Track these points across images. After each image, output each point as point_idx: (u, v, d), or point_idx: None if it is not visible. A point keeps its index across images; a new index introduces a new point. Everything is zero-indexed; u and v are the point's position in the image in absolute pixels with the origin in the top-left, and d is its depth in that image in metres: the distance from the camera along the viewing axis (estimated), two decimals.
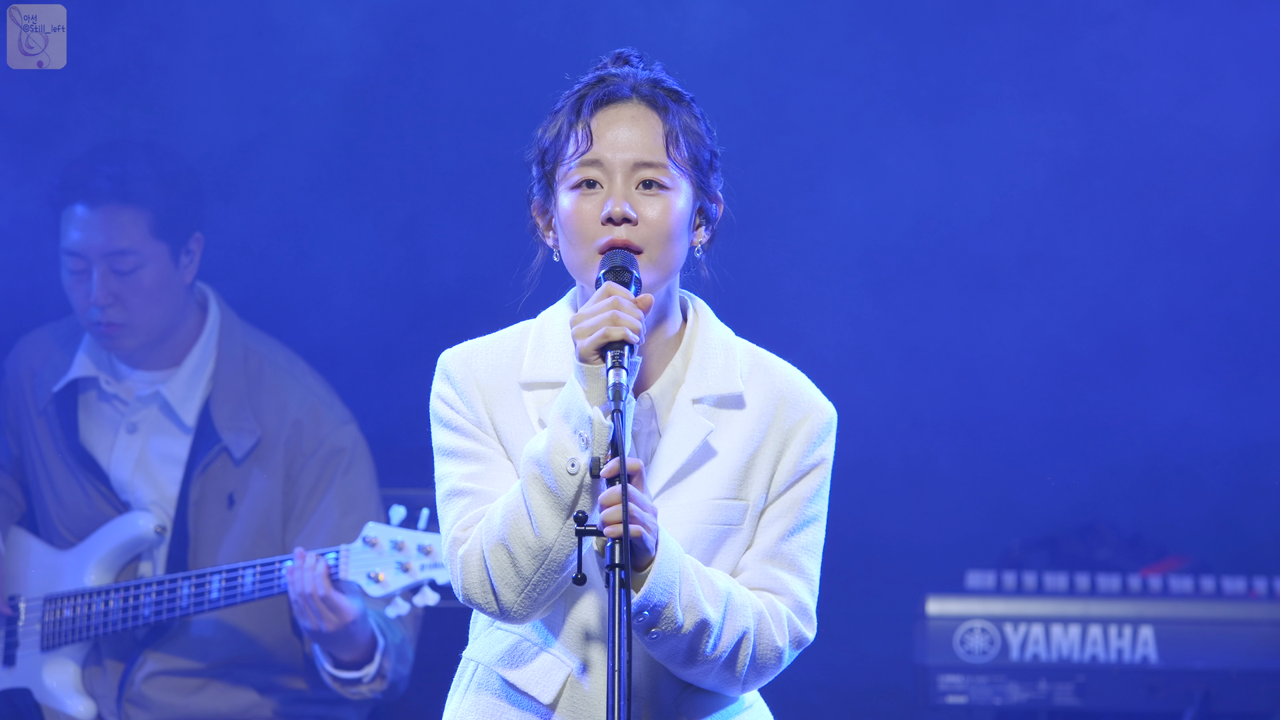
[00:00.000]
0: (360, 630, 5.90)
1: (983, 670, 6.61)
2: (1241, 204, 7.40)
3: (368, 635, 5.94)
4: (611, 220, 3.57)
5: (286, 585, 5.89)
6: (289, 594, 5.85)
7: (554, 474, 3.47)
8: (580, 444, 3.46)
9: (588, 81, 3.66)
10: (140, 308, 6.26)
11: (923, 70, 7.45)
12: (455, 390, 3.66)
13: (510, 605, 3.55)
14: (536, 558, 3.51)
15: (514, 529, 3.51)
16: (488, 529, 3.53)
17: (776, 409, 3.67)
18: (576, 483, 3.46)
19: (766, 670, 3.63)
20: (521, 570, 3.53)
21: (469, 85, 7.29)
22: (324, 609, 5.81)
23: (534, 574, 3.53)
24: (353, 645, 5.94)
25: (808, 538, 3.68)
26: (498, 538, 3.52)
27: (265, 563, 5.97)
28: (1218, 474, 7.36)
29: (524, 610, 3.55)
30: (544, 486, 3.48)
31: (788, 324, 7.31)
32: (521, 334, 3.72)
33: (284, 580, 5.89)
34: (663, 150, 3.60)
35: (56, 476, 6.31)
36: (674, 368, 3.67)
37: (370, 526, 5.84)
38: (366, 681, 5.97)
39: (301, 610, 5.84)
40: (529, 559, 3.52)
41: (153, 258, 6.27)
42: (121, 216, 6.24)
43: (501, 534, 3.52)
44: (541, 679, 3.62)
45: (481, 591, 3.56)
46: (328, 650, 5.97)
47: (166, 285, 6.30)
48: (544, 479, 3.48)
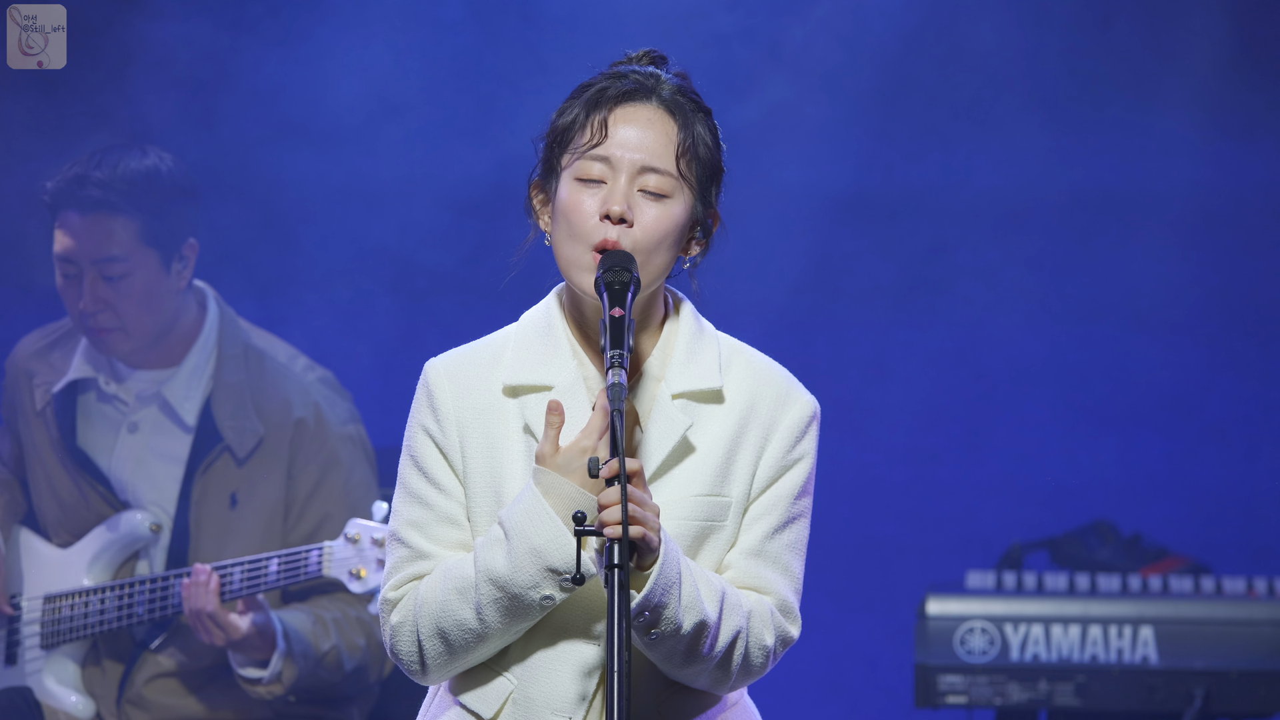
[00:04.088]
0: (254, 641, 5.95)
1: (983, 670, 6.61)
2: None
3: (267, 642, 5.98)
4: (609, 217, 3.56)
5: (273, 582, 5.91)
6: (183, 609, 5.93)
7: (524, 607, 3.49)
8: (561, 588, 3.48)
9: (611, 74, 3.63)
10: (131, 313, 6.26)
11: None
12: (432, 411, 3.64)
13: (433, 676, 3.60)
14: (472, 647, 3.55)
15: (455, 627, 3.53)
16: (423, 613, 3.55)
17: (757, 403, 3.66)
18: (547, 608, 3.51)
19: (755, 669, 3.62)
20: (455, 653, 3.56)
21: (468, 85, 7.29)
22: (212, 626, 5.88)
23: (466, 658, 3.57)
24: (254, 650, 5.99)
25: (792, 535, 3.67)
26: (435, 628, 3.55)
27: (253, 560, 5.97)
28: (1218, 474, 7.36)
29: (445, 679, 3.62)
30: (505, 609, 3.50)
31: (788, 323, 7.31)
32: (504, 338, 3.70)
33: (272, 577, 5.91)
34: (672, 159, 3.58)
35: (55, 477, 6.31)
36: (654, 362, 3.66)
37: (352, 523, 5.85)
38: (265, 683, 6.02)
39: (193, 625, 5.91)
40: (464, 648, 3.55)
41: (142, 264, 6.27)
42: (109, 224, 6.24)
43: (441, 626, 3.54)
44: (485, 696, 3.62)
45: (409, 662, 3.59)
46: (232, 653, 6.04)
47: (157, 291, 6.29)
48: (506, 604, 3.49)
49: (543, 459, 3.49)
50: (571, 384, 3.62)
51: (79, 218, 6.24)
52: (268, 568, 5.94)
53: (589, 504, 3.45)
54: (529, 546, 3.47)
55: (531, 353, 3.65)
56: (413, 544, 3.60)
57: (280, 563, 5.93)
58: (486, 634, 3.51)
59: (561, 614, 3.59)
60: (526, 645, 3.60)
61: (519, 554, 3.47)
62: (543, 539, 3.47)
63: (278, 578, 5.91)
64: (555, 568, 3.46)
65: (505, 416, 3.62)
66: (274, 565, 5.92)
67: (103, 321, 6.24)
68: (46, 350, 6.43)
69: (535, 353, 3.65)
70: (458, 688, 3.63)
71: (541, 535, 3.47)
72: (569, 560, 3.45)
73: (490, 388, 3.64)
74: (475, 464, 3.61)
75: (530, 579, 3.47)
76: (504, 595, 3.48)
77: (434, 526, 3.60)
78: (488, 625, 3.51)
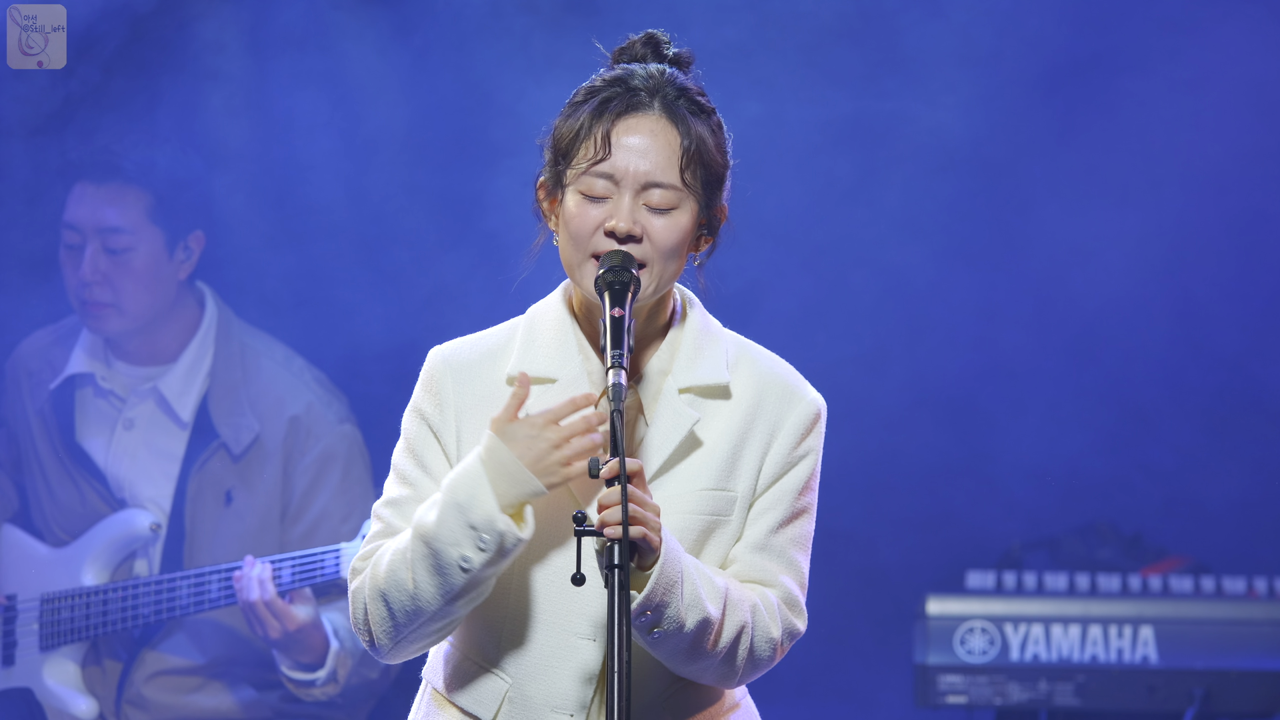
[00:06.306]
0: (310, 635, 5.93)
1: (983, 670, 6.61)
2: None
3: (320, 639, 5.96)
4: (615, 236, 3.56)
5: (287, 583, 5.91)
6: (238, 601, 5.90)
7: (444, 565, 3.50)
8: (478, 547, 3.48)
9: (613, 80, 3.62)
10: (128, 290, 6.27)
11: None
12: (433, 396, 3.66)
13: (382, 647, 3.61)
14: (411, 616, 3.55)
15: (394, 588, 3.54)
16: (373, 576, 3.57)
17: (764, 400, 3.67)
18: (467, 579, 3.50)
19: (762, 663, 3.63)
20: (396, 620, 3.56)
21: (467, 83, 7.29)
22: (266, 614, 5.86)
23: (407, 628, 3.57)
24: (305, 649, 5.96)
25: (797, 530, 3.68)
26: (379, 590, 3.56)
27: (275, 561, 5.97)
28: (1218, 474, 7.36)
29: (394, 654, 3.62)
30: (430, 567, 3.51)
31: (789, 323, 7.31)
32: (510, 330, 3.71)
33: (282, 580, 5.90)
34: (676, 170, 3.58)
35: (51, 475, 6.31)
36: (661, 357, 3.67)
37: (368, 525, 5.85)
38: (320, 685, 6.00)
39: (248, 617, 5.88)
40: (404, 615, 3.55)
41: (146, 241, 6.29)
42: (123, 195, 6.27)
43: (383, 588, 3.55)
44: (480, 697, 3.62)
45: (362, 628, 3.61)
46: (279, 652, 6.01)
47: (156, 272, 6.31)
48: (431, 562, 3.51)
49: (495, 423, 3.51)
50: (575, 378, 3.63)
51: (94, 185, 6.27)
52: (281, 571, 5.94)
53: (523, 475, 3.46)
54: (453, 501, 3.49)
55: (538, 346, 3.66)
56: (387, 520, 3.64)
57: (294, 565, 5.93)
58: (419, 597, 3.52)
59: (562, 613, 3.59)
60: (521, 643, 3.60)
61: (445, 509, 3.50)
62: (465, 495, 3.48)
63: (294, 579, 5.92)
64: (473, 524, 3.47)
65: (503, 404, 3.63)
66: (288, 568, 5.93)
67: (97, 295, 6.25)
68: (47, 349, 6.44)
69: (541, 346, 3.66)
70: (451, 689, 3.63)
71: (465, 491, 3.48)
72: (486, 520, 3.46)
73: (493, 377, 3.65)
74: (471, 451, 3.62)
75: (451, 535, 3.49)
76: (429, 550, 3.50)
77: (411, 506, 3.62)
78: (419, 586, 3.51)
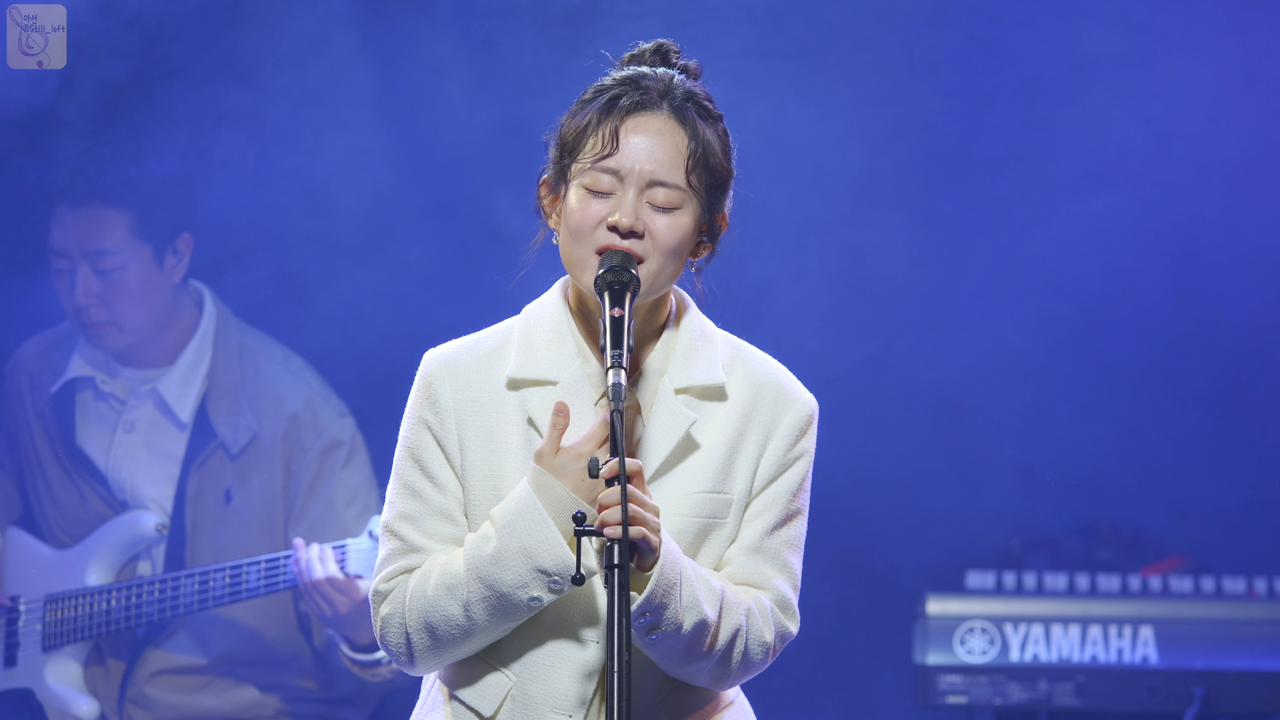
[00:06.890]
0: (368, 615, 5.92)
1: (983, 670, 6.61)
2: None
3: None
4: (618, 231, 3.56)
5: (293, 580, 5.91)
6: (298, 584, 5.87)
7: (513, 606, 3.51)
8: (550, 589, 3.50)
9: (622, 79, 3.63)
10: (125, 307, 6.28)
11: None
12: (431, 404, 3.64)
13: (424, 667, 3.62)
14: (459, 642, 3.56)
15: (444, 623, 3.54)
16: (414, 608, 3.57)
17: (759, 401, 3.67)
18: (533, 613, 3.52)
19: (754, 666, 3.63)
20: (441, 646, 3.57)
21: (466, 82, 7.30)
22: (332, 591, 5.84)
23: (454, 653, 3.58)
24: (366, 627, 5.96)
25: (791, 532, 3.68)
26: (423, 622, 3.56)
27: (270, 559, 5.98)
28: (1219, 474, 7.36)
29: (433, 670, 3.64)
30: (493, 609, 3.52)
31: (789, 323, 7.31)
32: (506, 331, 3.70)
33: (289, 576, 5.90)
34: (681, 171, 3.58)
35: (52, 479, 6.32)
36: (657, 358, 3.67)
37: (375, 520, 5.85)
38: (385, 664, 5.99)
39: (311, 598, 5.86)
40: (451, 641, 3.56)
41: (134, 258, 6.30)
42: (102, 217, 6.27)
43: (430, 621, 3.56)
44: (483, 693, 3.63)
45: (398, 653, 3.61)
46: (344, 634, 5.99)
47: (150, 285, 6.31)
48: (495, 604, 3.51)
49: (541, 457, 3.50)
50: (575, 380, 3.62)
51: (71, 211, 6.28)
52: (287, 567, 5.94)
53: (581, 508, 3.46)
54: (519, 546, 3.48)
55: (536, 347, 3.65)
56: (405, 537, 3.61)
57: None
58: (473, 630, 3.52)
59: (562, 613, 3.59)
60: (526, 642, 3.61)
61: (509, 553, 3.49)
62: (533, 539, 3.48)
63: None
64: (544, 568, 3.47)
65: (505, 410, 3.62)
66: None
67: (96, 316, 6.26)
68: (46, 352, 6.45)
69: (540, 347, 3.65)
70: (454, 683, 3.64)
71: (532, 535, 3.48)
72: (558, 562, 3.47)
73: (491, 381, 3.64)
74: (474, 458, 3.61)
75: (519, 579, 3.48)
76: (492, 594, 3.50)
77: (427, 520, 3.61)
78: (475, 622, 3.52)
